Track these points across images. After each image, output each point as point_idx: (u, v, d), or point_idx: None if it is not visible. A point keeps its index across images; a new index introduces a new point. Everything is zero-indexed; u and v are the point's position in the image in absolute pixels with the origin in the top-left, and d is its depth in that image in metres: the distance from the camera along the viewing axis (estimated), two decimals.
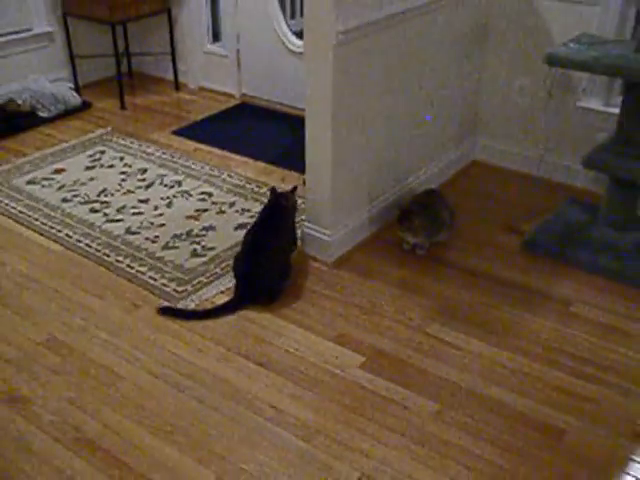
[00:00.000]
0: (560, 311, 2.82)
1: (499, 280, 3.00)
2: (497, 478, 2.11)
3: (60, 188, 3.72)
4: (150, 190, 3.70)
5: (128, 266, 3.07)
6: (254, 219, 3.04)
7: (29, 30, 4.66)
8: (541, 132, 3.75)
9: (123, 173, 3.87)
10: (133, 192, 3.68)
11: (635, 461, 2.18)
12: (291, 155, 3.87)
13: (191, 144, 4.22)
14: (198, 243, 3.24)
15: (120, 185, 3.75)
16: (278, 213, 2.96)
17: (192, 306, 2.82)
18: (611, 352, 2.60)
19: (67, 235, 3.29)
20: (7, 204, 3.55)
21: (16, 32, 4.60)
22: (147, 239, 3.27)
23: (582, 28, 3.35)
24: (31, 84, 4.58)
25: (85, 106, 4.69)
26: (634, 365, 2.55)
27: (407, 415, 2.33)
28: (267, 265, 2.83)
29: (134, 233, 3.32)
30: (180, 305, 2.82)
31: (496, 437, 2.25)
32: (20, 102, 4.48)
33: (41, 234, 3.31)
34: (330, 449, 2.20)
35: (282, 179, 3.74)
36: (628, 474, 2.14)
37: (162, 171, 3.89)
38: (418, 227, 3.09)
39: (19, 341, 2.66)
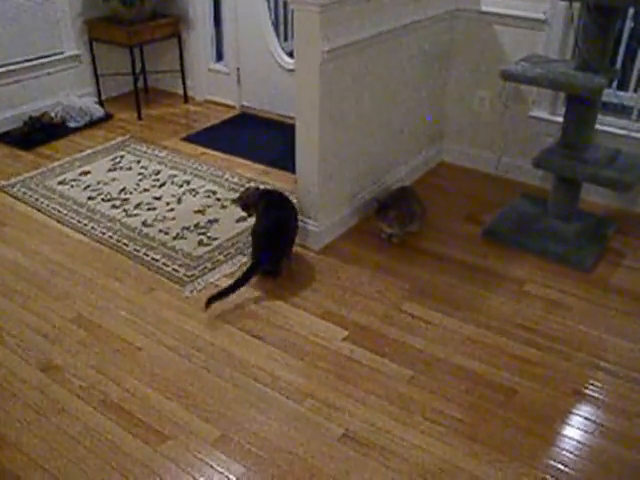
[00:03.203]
0: (514, 290, 2.83)
1: (463, 264, 3.00)
2: (460, 431, 2.12)
3: (86, 188, 3.69)
4: (163, 189, 3.67)
5: (144, 254, 3.06)
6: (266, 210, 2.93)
7: (61, 53, 4.62)
8: (498, 137, 3.75)
9: (140, 174, 3.84)
10: (148, 190, 3.66)
11: (574, 414, 2.20)
12: (284, 158, 3.84)
13: (198, 149, 4.19)
14: (204, 234, 3.22)
15: (137, 185, 3.72)
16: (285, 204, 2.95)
17: (199, 288, 2.81)
18: (556, 324, 2.62)
19: (92, 228, 3.27)
20: (42, 202, 3.52)
21: (50, 55, 4.56)
22: (160, 231, 3.25)
23: (531, 49, 3.36)
24: (62, 99, 4.55)
25: (107, 117, 4.65)
26: (575, 334, 2.56)
27: (384, 380, 2.33)
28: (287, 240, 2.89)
29: (149, 226, 3.30)
30: (188, 288, 2.81)
31: (459, 397, 2.26)
32: (53, 115, 4.45)
33: (70, 227, 3.29)
34: (319, 409, 2.21)
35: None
36: (568, 425, 2.16)
37: (173, 172, 3.86)
38: (393, 219, 3.09)
39: (52, 318, 2.65)
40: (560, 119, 3.20)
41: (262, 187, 3.03)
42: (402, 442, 2.09)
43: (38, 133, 4.31)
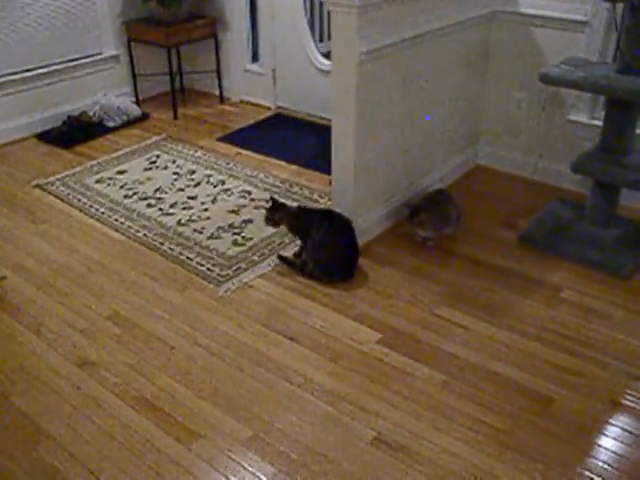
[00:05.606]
0: (551, 296, 2.78)
1: (498, 269, 2.97)
2: (494, 438, 2.10)
3: (122, 186, 3.73)
4: (198, 188, 3.70)
5: (179, 253, 3.08)
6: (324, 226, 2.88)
7: (100, 54, 4.69)
8: (535, 141, 3.70)
9: (175, 174, 3.88)
10: (183, 190, 3.69)
11: (612, 425, 2.16)
12: (319, 159, 3.85)
13: (233, 149, 4.21)
14: (238, 234, 3.24)
15: (173, 184, 3.76)
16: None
17: (233, 288, 2.82)
18: (594, 332, 2.57)
19: (128, 226, 3.31)
20: (79, 199, 3.57)
21: (89, 56, 4.64)
22: (195, 230, 3.28)
23: (571, 52, 3.30)
24: (100, 98, 4.62)
25: (144, 117, 4.70)
26: (613, 343, 2.51)
27: (418, 385, 2.32)
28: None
29: (184, 225, 3.33)
30: (222, 287, 2.83)
31: (494, 404, 2.23)
32: (91, 114, 4.52)
33: (106, 225, 3.34)
34: (351, 412, 2.20)
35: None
36: (606, 435, 2.12)
37: (208, 172, 3.89)
38: (427, 222, 3.07)
39: (88, 315, 2.68)
40: (599, 123, 3.15)
41: (294, 205, 3.06)
42: (434, 447, 2.07)
43: (77, 132, 4.38)
